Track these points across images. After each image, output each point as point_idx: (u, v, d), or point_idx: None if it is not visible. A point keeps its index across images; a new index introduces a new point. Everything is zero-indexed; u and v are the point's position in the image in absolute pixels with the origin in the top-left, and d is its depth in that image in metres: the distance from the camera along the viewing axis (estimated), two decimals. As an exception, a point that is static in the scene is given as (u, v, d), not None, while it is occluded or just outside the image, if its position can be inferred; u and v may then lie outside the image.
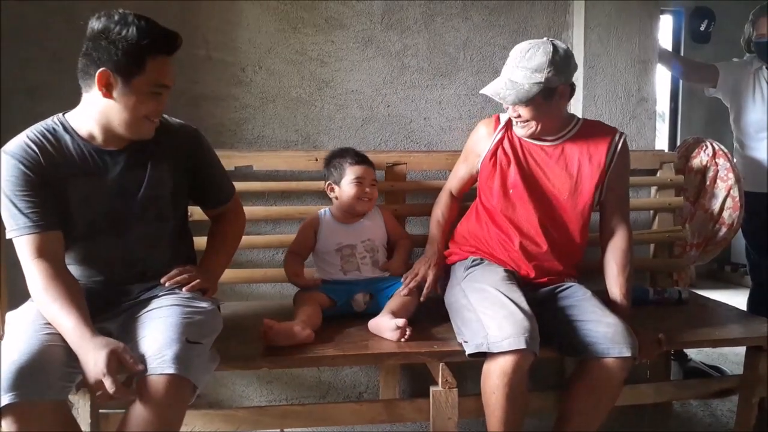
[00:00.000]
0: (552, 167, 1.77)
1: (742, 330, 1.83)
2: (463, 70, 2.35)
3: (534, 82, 1.62)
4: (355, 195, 1.90)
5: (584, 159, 1.75)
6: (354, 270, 1.90)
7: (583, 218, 1.78)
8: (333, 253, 1.91)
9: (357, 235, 1.92)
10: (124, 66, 1.32)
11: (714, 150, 2.45)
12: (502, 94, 1.66)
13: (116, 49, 1.31)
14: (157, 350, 1.26)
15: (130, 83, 1.34)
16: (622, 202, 1.81)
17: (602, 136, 1.77)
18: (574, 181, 1.75)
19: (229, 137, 2.23)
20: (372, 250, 1.92)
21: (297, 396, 2.30)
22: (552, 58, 1.62)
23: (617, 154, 1.76)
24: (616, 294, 1.73)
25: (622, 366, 1.54)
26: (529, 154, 1.79)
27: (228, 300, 1.87)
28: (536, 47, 1.64)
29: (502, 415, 1.50)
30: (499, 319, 1.50)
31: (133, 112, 1.37)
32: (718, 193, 2.41)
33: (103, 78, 1.33)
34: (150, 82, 1.36)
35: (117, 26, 1.31)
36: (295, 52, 2.25)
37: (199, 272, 1.56)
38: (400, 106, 2.33)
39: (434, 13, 2.32)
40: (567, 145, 1.78)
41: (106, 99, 1.35)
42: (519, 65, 1.65)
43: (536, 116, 1.70)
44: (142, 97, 1.36)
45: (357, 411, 1.68)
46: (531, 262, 1.77)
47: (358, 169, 1.91)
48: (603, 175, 1.75)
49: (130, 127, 1.40)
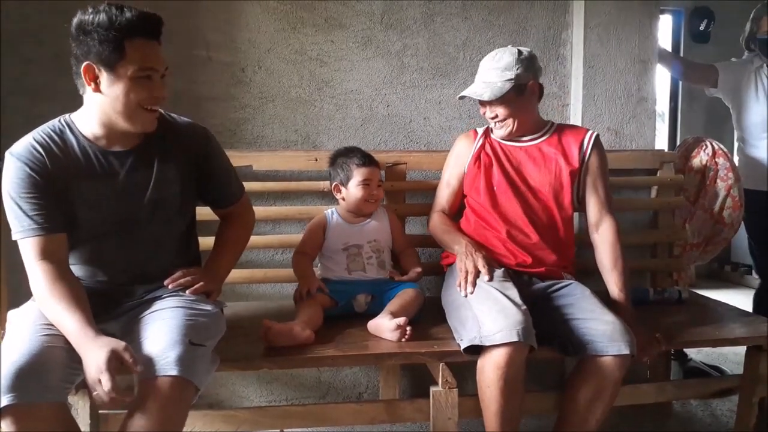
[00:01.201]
0: (531, 165, 1.87)
1: (742, 330, 1.82)
2: (463, 69, 2.36)
3: (505, 79, 1.78)
4: (362, 197, 1.91)
5: (559, 157, 1.86)
6: (359, 270, 1.89)
7: (565, 211, 1.86)
8: (340, 252, 1.91)
9: (364, 235, 1.93)
10: (105, 55, 1.31)
11: (714, 149, 2.45)
12: (479, 92, 1.81)
13: (93, 40, 1.31)
14: (160, 352, 1.26)
15: (114, 71, 1.33)
16: (602, 193, 1.87)
17: (574, 136, 1.90)
18: (553, 176, 1.85)
19: (229, 137, 2.23)
20: (378, 251, 1.92)
21: (297, 396, 2.30)
22: (518, 57, 1.79)
23: (590, 150, 1.87)
24: (613, 290, 1.77)
25: (620, 364, 1.55)
26: (510, 154, 1.90)
27: (228, 300, 1.87)
28: (503, 51, 1.83)
29: (498, 410, 1.50)
30: (493, 314, 1.51)
31: (124, 100, 1.35)
32: (718, 192, 2.41)
33: (89, 72, 1.33)
34: (134, 66, 1.33)
35: (89, 16, 1.31)
36: (294, 52, 2.25)
37: (203, 274, 1.55)
38: (399, 105, 2.33)
39: (434, 13, 2.32)
40: (543, 145, 1.89)
41: (97, 94, 1.35)
42: (490, 67, 1.82)
43: (512, 113, 1.82)
44: (129, 84, 1.34)
45: (357, 411, 1.68)
46: (523, 251, 1.82)
47: (366, 171, 1.91)
48: (577, 171, 1.85)
49: (128, 118, 1.38)
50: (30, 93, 2.07)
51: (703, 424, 2.27)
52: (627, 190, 2.40)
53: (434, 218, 1.99)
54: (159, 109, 1.45)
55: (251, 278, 2.14)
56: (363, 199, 1.91)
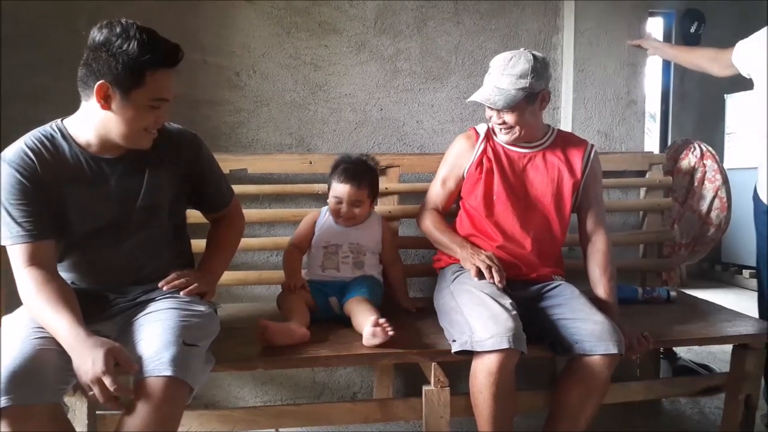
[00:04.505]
0: (535, 173, 1.86)
1: (728, 328, 1.85)
2: (455, 73, 2.39)
3: (519, 87, 1.71)
4: (332, 211, 1.95)
5: (563, 166, 1.85)
6: (332, 268, 1.91)
7: (565, 219, 1.88)
8: (320, 249, 1.94)
9: (347, 237, 1.94)
10: (124, 79, 1.32)
11: (702, 152, 2.49)
12: (492, 99, 1.74)
13: (116, 63, 1.31)
14: (154, 352, 1.28)
15: (128, 96, 1.34)
16: (598, 206, 1.90)
17: (577, 146, 1.89)
18: (555, 185, 1.85)
19: (224, 141, 2.25)
20: (357, 253, 1.93)
21: (292, 396, 2.33)
22: (534, 65, 1.72)
23: (590, 163, 1.88)
24: (600, 294, 1.79)
25: (609, 363, 1.58)
26: (513, 162, 1.87)
27: (222, 302, 1.89)
28: (518, 56, 1.74)
29: (490, 414, 1.53)
30: (484, 320, 1.53)
31: (131, 124, 1.38)
32: (706, 194, 2.45)
33: (102, 90, 1.33)
34: (149, 96, 1.36)
35: (119, 39, 1.31)
36: (289, 56, 2.28)
37: (197, 276, 1.57)
38: (392, 109, 2.36)
39: (426, 17, 2.35)
40: (547, 152, 1.87)
41: (104, 111, 1.36)
42: (504, 73, 1.74)
43: (520, 121, 1.78)
44: (140, 110, 1.37)
45: (351, 410, 1.70)
46: (516, 261, 1.84)
47: (340, 188, 1.90)
48: (579, 182, 1.86)
49: (128, 139, 1.41)
50: (29, 97, 2.08)
51: (692, 422, 2.31)
52: (617, 192, 2.44)
53: (428, 216, 1.96)
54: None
55: (246, 280, 2.17)
56: (334, 212, 1.94)
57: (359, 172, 1.92)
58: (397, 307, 1.98)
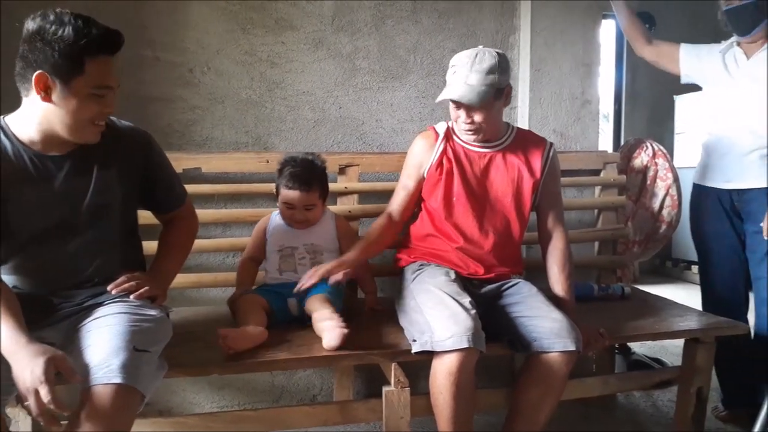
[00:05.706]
0: (495, 173, 1.86)
1: (680, 323, 1.91)
2: (414, 72, 2.38)
3: (488, 83, 1.69)
4: (283, 215, 1.92)
5: (523, 166, 1.85)
6: (290, 271, 1.88)
7: (525, 219, 1.89)
8: (275, 253, 1.91)
9: (301, 238, 1.91)
10: (62, 67, 1.27)
11: (654, 150, 2.55)
12: (468, 96, 1.70)
13: (52, 51, 1.26)
14: (103, 359, 1.22)
15: (69, 85, 1.29)
16: (557, 205, 1.91)
17: (537, 146, 1.89)
18: (516, 186, 1.85)
19: (178, 139, 2.19)
20: (314, 253, 1.91)
21: (250, 401, 2.28)
22: (498, 60, 1.71)
23: (549, 162, 1.88)
24: (559, 291, 1.81)
25: (567, 360, 1.59)
26: (473, 162, 1.86)
27: (177, 305, 1.83)
28: (482, 52, 1.72)
29: (451, 414, 1.53)
30: (444, 320, 1.53)
31: (75, 115, 1.32)
32: (658, 192, 2.52)
33: (41, 81, 1.27)
34: (91, 84, 1.31)
35: (53, 26, 1.26)
36: (244, 53, 2.23)
37: (148, 279, 1.52)
38: (351, 108, 2.34)
39: (384, 15, 2.34)
40: (507, 152, 1.87)
41: (46, 103, 1.30)
42: (473, 69, 1.70)
43: (488, 119, 1.76)
44: (83, 100, 1.31)
45: (310, 413, 1.67)
46: (475, 261, 1.84)
47: (290, 195, 1.86)
48: (538, 181, 1.87)
49: (74, 132, 1.35)
50: None
51: (646, 415, 2.37)
52: (572, 190, 2.48)
53: (377, 221, 1.91)
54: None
55: (200, 282, 2.11)
56: (286, 217, 1.91)
57: (307, 176, 1.87)
58: (359, 307, 1.96)
